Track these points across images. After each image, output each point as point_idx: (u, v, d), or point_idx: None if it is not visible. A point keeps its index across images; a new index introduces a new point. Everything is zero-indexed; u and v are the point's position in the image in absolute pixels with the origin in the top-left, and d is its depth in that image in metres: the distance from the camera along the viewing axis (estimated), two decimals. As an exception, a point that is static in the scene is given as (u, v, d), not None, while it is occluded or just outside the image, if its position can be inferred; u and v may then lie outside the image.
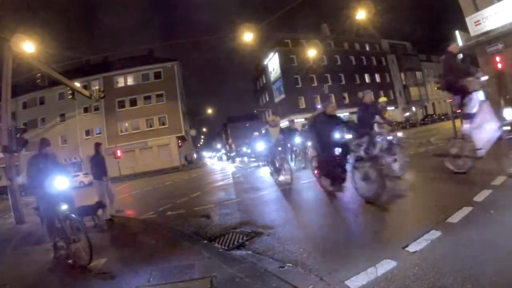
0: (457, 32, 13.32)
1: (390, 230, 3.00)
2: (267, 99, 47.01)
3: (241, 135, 53.24)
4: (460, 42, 13.20)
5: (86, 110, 32.14)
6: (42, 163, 3.88)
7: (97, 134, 32.76)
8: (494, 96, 12.08)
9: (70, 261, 3.46)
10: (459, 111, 4.64)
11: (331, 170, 4.71)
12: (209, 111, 40.45)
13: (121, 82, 34.12)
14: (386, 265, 2.20)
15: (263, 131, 9.37)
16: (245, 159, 15.29)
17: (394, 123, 7.93)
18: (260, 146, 8.78)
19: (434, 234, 2.62)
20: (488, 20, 11.45)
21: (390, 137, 5.36)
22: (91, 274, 3.04)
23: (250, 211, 4.96)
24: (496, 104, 12.05)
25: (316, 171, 5.45)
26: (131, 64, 33.03)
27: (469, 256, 2.18)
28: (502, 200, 3.18)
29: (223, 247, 3.37)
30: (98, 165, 6.03)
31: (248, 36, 12.05)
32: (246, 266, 2.68)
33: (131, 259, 3.33)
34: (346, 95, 41.61)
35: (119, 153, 22.89)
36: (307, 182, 6.58)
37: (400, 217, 3.46)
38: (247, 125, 61.53)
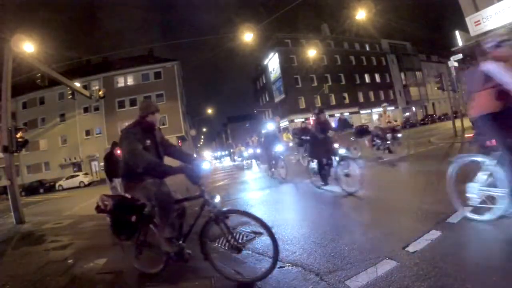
0: (457, 32, 13.33)
1: (390, 230, 3.00)
2: (267, 99, 47.04)
3: (241, 135, 53.25)
4: (460, 42, 13.21)
5: (86, 110, 32.20)
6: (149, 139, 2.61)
7: (97, 134, 32.82)
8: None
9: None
10: None
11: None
12: (209, 111, 40.50)
13: (121, 82, 34.17)
14: (386, 265, 2.21)
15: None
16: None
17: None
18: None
19: (434, 234, 2.62)
20: (488, 20, 11.45)
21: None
22: (91, 274, 3.04)
23: (250, 211, 4.96)
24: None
25: None
26: (131, 64, 33.09)
27: (469, 256, 2.18)
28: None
29: (223, 247, 3.37)
30: (115, 164, 6.13)
31: (248, 36, 12.08)
32: (246, 266, 2.67)
33: (131, 259, 3.33)
34: (346, 95, 41.68)
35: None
36: (309, 181, 6.59)
37: (400, 217, 3.46)
38: (247, 125, 61.56)
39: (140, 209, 2.59)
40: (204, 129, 62.90)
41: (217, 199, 2.45)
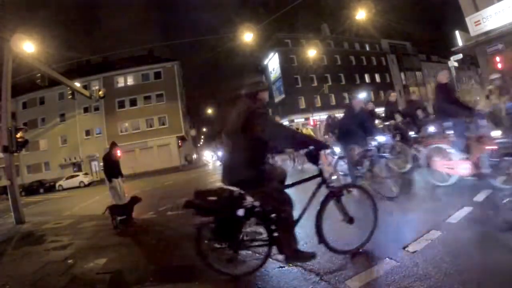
0: (457, 32, 13.33)
1: (390, 230, 2.99)
2: (267, 99, 47.05)
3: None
4: (460, 42, 13.21)
5: (86, 110, 32.15)
6: None
7: (97, 134, 32.79)
8: (494, 95, 12.08)
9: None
10: None
11: None
12: (209, 111, 40.46)
13: (121, 82, 34.13)
14: (386, 265, 2.21)
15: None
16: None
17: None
18: None
19: (434, 234, 2.62)
20: (488, 20, 11.46)
21: None
22: (91, 274, 3.04)
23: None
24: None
25: None
26: (131, 64, 33.02)
27: (469, 256, 2.18)
28: (502, 200, 3.18)
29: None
30: (114, 164, 6.16)
31: (248, 36, 12.07)
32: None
33: (132, 259, 3.33)
34: (346, 95, 41.64)
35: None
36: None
37: (400, 216, 3.45)
38: (247, 125, 61.39)
39: (242, 201, 2.26)
40: (204, 129, 62.88)
41: (335, 177, 2.30)
